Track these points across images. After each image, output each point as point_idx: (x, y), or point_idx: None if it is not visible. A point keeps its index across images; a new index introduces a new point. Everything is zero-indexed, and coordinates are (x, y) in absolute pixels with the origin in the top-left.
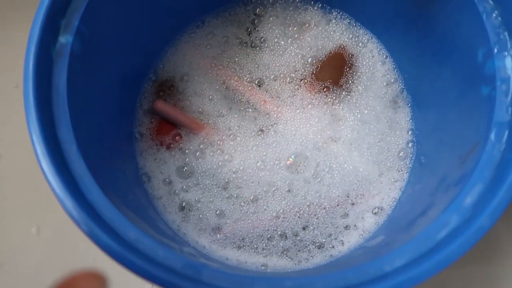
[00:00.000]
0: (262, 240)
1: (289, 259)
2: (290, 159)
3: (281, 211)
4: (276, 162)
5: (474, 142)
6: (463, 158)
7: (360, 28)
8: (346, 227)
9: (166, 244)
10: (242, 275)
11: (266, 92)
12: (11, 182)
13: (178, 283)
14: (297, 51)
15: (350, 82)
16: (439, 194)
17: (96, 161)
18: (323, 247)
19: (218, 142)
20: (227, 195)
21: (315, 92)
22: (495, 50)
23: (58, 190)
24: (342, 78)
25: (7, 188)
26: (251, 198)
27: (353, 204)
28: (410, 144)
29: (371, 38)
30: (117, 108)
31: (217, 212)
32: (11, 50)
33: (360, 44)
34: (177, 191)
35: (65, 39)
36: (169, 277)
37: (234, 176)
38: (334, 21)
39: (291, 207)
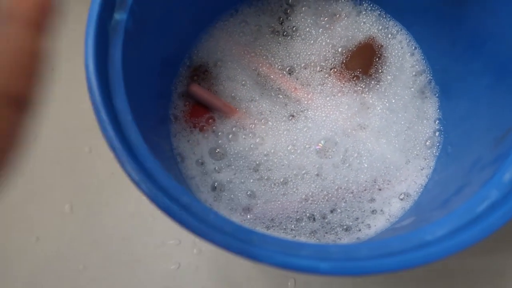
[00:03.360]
0: (291, 221)
1: (317, 241)
2: (320, 144)
3: (310, 194)
4: (306, 146)
5: (510, 123)
6: (498, 139)
7: (390, 20)
8: (373, 211)
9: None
10: (290, 241)
11: (297, 79)
12: (47, 161)
13: (232, 244)
14: (328, 40)
15: (379, 71)
16: (473, 174)
17: (145, 133)
18: (350, 229)
19: (250, 126)
20: (258, 177)
21: (345, 81)
22: None
23: (120, 154)
24: (372, 68)
25: (43, 166)
26: (281, 180)
27: (380, 189)
28: (437, 133)
29: (401, 29)
30: (155, 90)
31: (248, 193)
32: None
33: (390, 36)
34: (209, 172)
35: (120, 16)
36: (223, 238)
37: (265, 158)
38: (364, 12)
39: (319, 190)
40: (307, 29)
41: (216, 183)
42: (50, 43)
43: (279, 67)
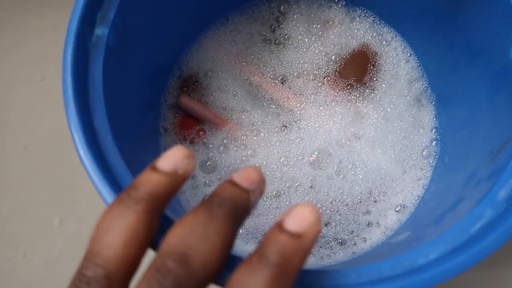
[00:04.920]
0: None
1: (311, 255)
2: (313, 155)
3: None
4: (299, 158)
5: (507, 136)
6: (494, 153)
7: (384, 26)
8: (369, 224)
9: None
10: None
11: (289, 89)
12: (35, 174)
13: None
14: (321, 48)
15: (374, 80)
16: (469, 189)
17: (127, 153)
18: (345, 243)
19: (242, 137)
20: None
21: (339, 90)
22: None
23: (95, 177)
24: (366, 76)
25: (31, 179)
26: (274, 193)
27: (376, 201)
28: (433, 143)
29: (395, 36)
30: (144, 103)
31: None
32: (37, 44)
33: (384, 42)
34: (200, 186)
35: (101, 31)
36: None
37: None
38: (358, 19)
39: (313, 203)
40: (300, 37)
41: (207, 197)
42: None
43: (271, 76)
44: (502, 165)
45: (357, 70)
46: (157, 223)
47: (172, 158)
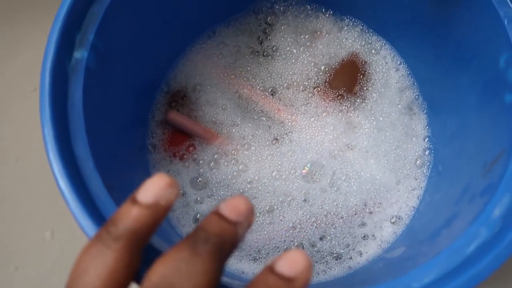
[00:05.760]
0: (279, 251)
1: None
2: (306, 168)
3: (298, 221)
4: (292, 171)
5: (499, 150)
6: (487, 167)
7: (372, 35)
8: (364, 236)
9: None
10: None
11: (280, 100)
12: (27, 186)
13: None
14: (310, 59)
15: (364, 89)
16: (463, 204)
17: (111, 177)
18: (341, 258)
19: (233, 152)
20: None
21: (329, 100)
22: None
23: (75, 208)
24: (356, 86)
25: (23, 191)
26: (267, 208)
27: (371, 212)
28: (427, 152)
29: (384, 44)
30: (130, 121)
31: None
32: (30, 53)
33: (373, 51)
34: (191, 203)
35: (80, 54)
36: None
37: (249, 186)
38: (346, 28)
39: (307, 217)
40: (288, 48)
41: (198, 215)
42: None
43: (261, 88)
44: (496, 180)
45: (347, 80)
46: (138, 259)
47: (154, 189)
